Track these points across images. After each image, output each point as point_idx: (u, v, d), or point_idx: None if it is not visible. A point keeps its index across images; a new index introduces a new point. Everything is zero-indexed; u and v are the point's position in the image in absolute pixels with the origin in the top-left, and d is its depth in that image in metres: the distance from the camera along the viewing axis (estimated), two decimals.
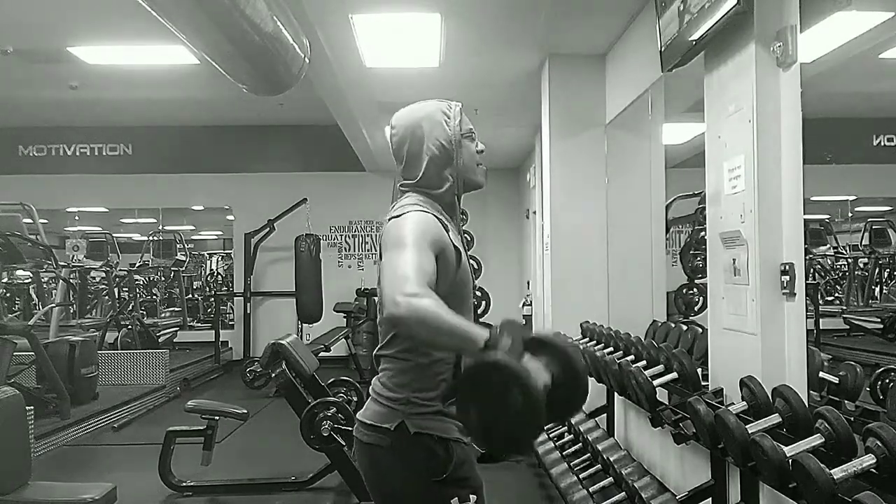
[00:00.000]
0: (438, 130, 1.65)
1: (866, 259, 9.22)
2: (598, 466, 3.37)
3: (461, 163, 1.67)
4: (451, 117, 1.67)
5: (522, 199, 8.53)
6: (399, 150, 1.69)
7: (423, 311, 1.30)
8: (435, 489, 1.54)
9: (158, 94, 7.49)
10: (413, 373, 1.56)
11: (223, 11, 3.07)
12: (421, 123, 1.66)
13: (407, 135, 1.67)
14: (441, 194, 1.66)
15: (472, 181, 1.71)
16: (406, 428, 1.54)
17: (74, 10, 4.92)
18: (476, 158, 1.71)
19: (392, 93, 5.83)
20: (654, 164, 4.73)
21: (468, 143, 1.69)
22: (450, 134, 1.65)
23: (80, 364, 5.80)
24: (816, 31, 3.03)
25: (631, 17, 4.09)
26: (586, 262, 4.62)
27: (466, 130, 1.69)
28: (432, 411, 1.56)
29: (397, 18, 4.32)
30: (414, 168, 1.66)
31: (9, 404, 2.97)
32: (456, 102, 1.71)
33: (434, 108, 1.68)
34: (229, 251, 11.66)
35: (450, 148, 1.65)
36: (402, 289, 1.33)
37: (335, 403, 3.89)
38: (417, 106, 1.71)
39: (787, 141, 2.25)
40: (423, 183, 1.66)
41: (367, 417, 1.61)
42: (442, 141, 1.65)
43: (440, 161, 1.65)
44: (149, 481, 4.02)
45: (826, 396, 2.48)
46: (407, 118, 1.69)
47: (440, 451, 1.55)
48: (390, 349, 1.60)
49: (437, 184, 1.65)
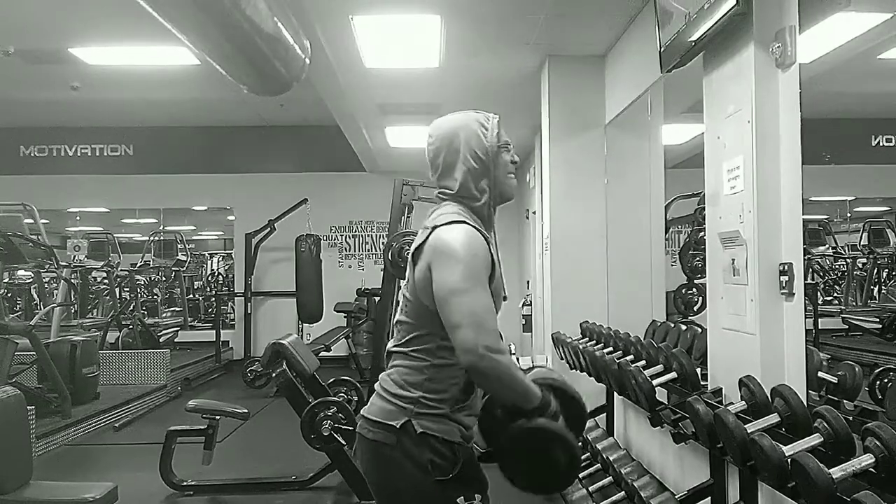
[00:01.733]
0: (475, 141, 1.65)
1: (865, 259, 9.22)
2: (597, 466, 3.39)
3: (497, 175, 1.67)
4: (488, 129, 1.66)
5: (522, 199, 8.53)
6: (435, 160, 1.68)
7: (503, 371, 1.49)
8: (440, 489, 1.55)
9: (159, 95, 7.50)
10: (427, 373, 1.58)
11: (224, 12, 3.08)
12: (458, 133, 1.66)
13: (444, 145, 1.66)
14: (479, 207, 1.66)
15: (505, 193, 1.71)
16: (412, 427, 1.55)
17: (75, 12, 4.93)
18: (509, 169, 1.71)
19: (392, 93, 5.84)
20: (653, 165, 4.73)
21: (504, 155, 1.69)
22: (487, 145, 1.65)
23: (81, 364, 5.81)
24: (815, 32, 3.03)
25: (631, 18, 4.10)
26: (586, 262, 4.62)
27: (504, 142, 1.69)
28: (440, 414, 1.57)
29: (397, 19, 4.33)
30: (449, 178, 1.66)
31: (10, 404, 2.98)
32: (494, 115, 1.71)
33: (472, 119, 1.68)
34: (230, 251, 11.66)
35: (486, 159, 1.65)
36: (486, 342, 1.47)
37: (336, 403, 3.89)
38: (455, 116, 1.70)
39: (786, 141, 2.25)
40: (462, 193, 1.66)
41: (373, 414, 1.62)
42: (479, 152, 1.64)
43: (476, 172, 1.65)
44: (150, 481, 4.02)
45: (825, 396, 2.49)
46: (444, 128, 1.69)
47: (446, 451, 1.56)
48: (408, 347, 1.61)
49: (476, 195, 1.66)
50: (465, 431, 1.61)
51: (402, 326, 1.65)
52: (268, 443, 5.32)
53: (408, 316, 1.63)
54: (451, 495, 1.56)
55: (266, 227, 8.61)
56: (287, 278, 8.42)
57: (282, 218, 8.53)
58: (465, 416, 1.61)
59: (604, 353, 3.41)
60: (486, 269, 1.56)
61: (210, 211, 11.23)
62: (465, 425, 1.61)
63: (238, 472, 4.34)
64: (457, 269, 1.52)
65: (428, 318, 1.58)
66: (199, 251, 13.49)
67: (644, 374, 2.73)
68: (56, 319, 6.96)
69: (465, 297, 1.50)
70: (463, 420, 1.60)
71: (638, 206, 4.67)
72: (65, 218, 10.88)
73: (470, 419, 1.62)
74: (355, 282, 9.15)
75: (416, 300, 1.60)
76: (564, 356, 4.20)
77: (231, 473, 4.28)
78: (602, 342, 3.67)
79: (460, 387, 1.59)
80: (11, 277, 10.18)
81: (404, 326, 1.64)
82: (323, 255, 8.42)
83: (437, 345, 1.57)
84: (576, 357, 3.84)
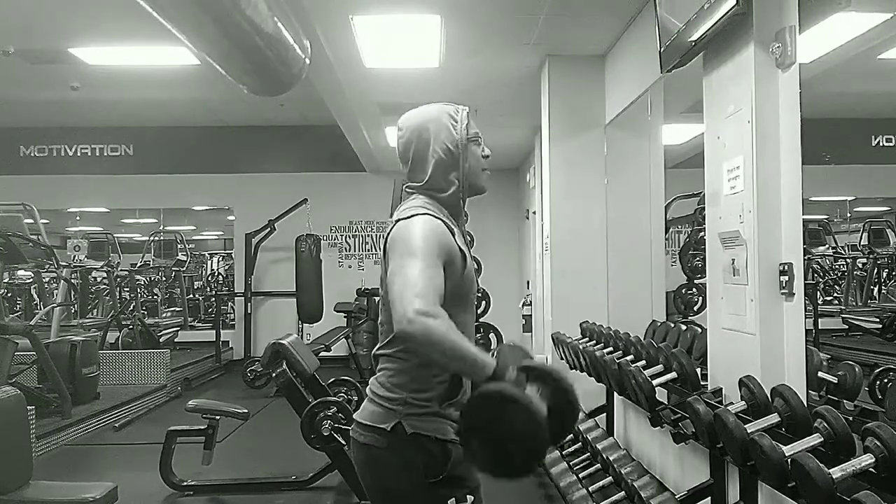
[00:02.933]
0: (445, 134, 1.65)
1: (865, 259, 9.22)
2: (597, 466, 3.38)
3: (467, 167, 1.67)
4: (458, 121, 1.67)
5: (522, 199, 8.54)
6: (405, 153, 1.69)
7: (436, 333, 1.36)
8: (432, 489, 1.55)
9: (159, 95, 7.50)
10: (411, 373, 1.56)
11: (224, 12, 3.08)
12: (428, 126, 1.66)
13: (413, 137, 1.67)
14: (447, 198, 1.66)
15: (476, 186, 1.71)
16: (403, 428, 1.54)
17: (75, 11, 4.93)
18: (482, 163, 1.72)
19: (392, 93, 5.83)
20: (653, 165, 4.74)
21: (474, 148, 1.70)
22: (456, 137, 1.65)
23: (81, 364, 5.81)
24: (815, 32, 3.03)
25: (631, 18, 4.10)
26: (586, 262, 4.63)
27: (473, 134, 1.69)
28: (429, 412, 1.56)
29: (397, 19, 4.33)
30: (419, 171, 1.67)
31: (10, 404, 2.98)
32: (463, 107, 1.71)
33: (441, 112, 1.68)
34: (230, 251, 11.67)
35: (456, 151, 1.65)
36: (414, 306, 1.37)
37: (335, 403, 3.89)
38: (424, 109, 1.71)
39: (786, 141, 2.25)
40: (429, 185, 1.66)
41: (364, 418, 1.61)
42: (448, 144, 1.65)
43: (446, 164, 1.65)
44: (150, 481, 4.02)
45: (825, 396, 2.48)
46: (414, 120, 1.69)
47: (437, 451, 1.55)
48: (390, 349, 1.60)
49: (444, 187, 1.66)
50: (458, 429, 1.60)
51: (383, 328, 1.63)
52: (268, 443, 5.32)
53: (385, 317, 1.62)
54: (444, 495, 1.56)
55: (266, 227, 8.61)
56: (287, 278, 8.42)
57: (282, 218, 8.53)
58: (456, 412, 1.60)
59: (604, 353, 3.41)
60: (438, 249, 1.51)
61: (210, 211, 11.24)
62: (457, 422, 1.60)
63: (238, 472, 4.34)
64: (402, 253, 1.50)
65: None
66: (199, 251, 13.50)
67: (644, 374, 2.73)
68: (56, 319, 6.96)
69: (402, 272, 1.45)
70: (453, 416, 1.57)
71: (638, 206, 4.67)
72: (65, 218, 10.89)
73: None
74: (355, 282, 9.15)
75: (385, 296, 1.59)
76: (564, 356, 4.20)
77: (231, 473, 4.28)
78: (602, 342, 3.67)
79: (447, 384, 1.57)
80: (11, 277, 10.18)
81: (385, 328, 1.62)
82: (323, 255, 8.42)
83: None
84: (576, 357, 3.84)
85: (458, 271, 1.57)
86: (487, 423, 1.36)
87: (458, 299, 1.57)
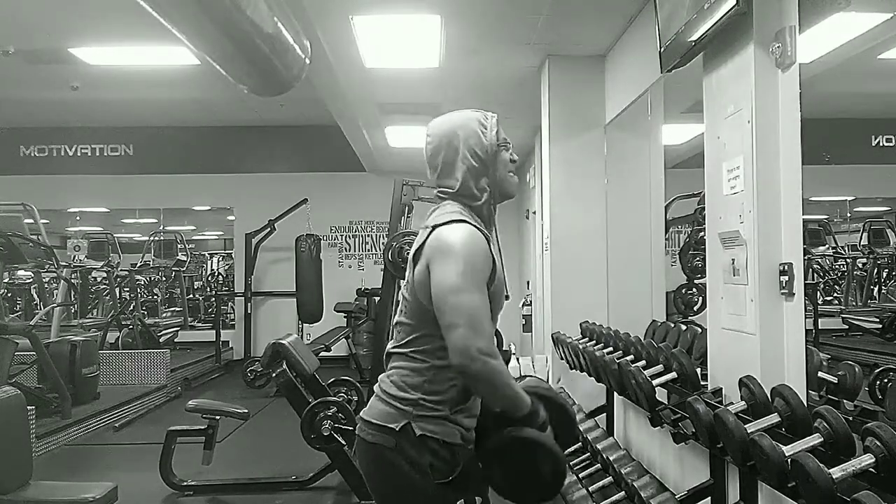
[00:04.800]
0: (474, 140, 1.64)
1: (865, 259, 9.22)
2: (597, 466, 3.38)
3: (497, 174, 1.67)
4: (487, 127, 1.66)
5: (522, 199, 8.53)
6: (434, 159, 1.68)
7: (495, 374, 1.48)
8: (439, 492, 1.55)
9: (159, 95, 7.50)
10: (427, 375, 1.57)
11: (224, 12, 3.08)
12: (457, 132, 1.65)
13: (443, 144, 1.66)
14: (479, 206, 1.66)
15: (506, 192, 1.71)
16: (412, 430, 1.55)
17: (76, 11, 4.93)
18: (509, 167, 1.71)
19: (392, 93, 5.84)
20: (653, 165, 4.74)
21: (503, 154, 1.69)
22: (486, 144, 1.65)
23: (81, 364, 5.81)
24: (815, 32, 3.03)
25: (631, 18, 4.10)
26: (586, 262, 4.63)
27: (502, 140, 1.69)
28: (439, 416, 1.56)
29: (397, 19, 4.33)
30: (450, 177, 1.66)
31: (10, 404, 2.98)
32: (492, 113, 1.71)
33: (470, 118, 1.67)
34: (230, 251, 11.67)
35: (486, 158, 1.65)
36: (478, 345, 1.46)
37: (336, 403, 3.89)
38: (453, 115, 1.70)
39: (785, 141, 2.25)
40: (461, 193, 1.65)
41: (372, 416, 1.61)
42: (478, 150, 1.64)
43: (476, 171, 1.65)
44: (150, 481, 4.02)
45: (825, 396, 2.49)
46: (443, 127, 1.68)
47: (445, 454, 1.55)
48: (407, 348, 1.60)
49: (476, 195, 1.65)
50: (465, 433, 1.61)
51: (401, 328, 1.64)
52: (268, 443, 5.32)
53: (407, 317, 1.63)
54: (451, 498, 1.56)
55: (266, 227, 8.61)
56: (287, 278, 8.42)
57: (282, 218, 8.53)
58: (465, 418, 1.60)
59: (604, 353, 3.41)
60: (486, 270, 1.55)
61: (210, 211, 11.24)
62: (465, 427, 1.60)
63: (238, 472, 4.34)
64: (455, 268, 1.51)
65: (427, 319, 1.57)
66: (199, 251, 13.49)
67: (644, 374, 2.73)
68: (56, 319, 6.97)
69: (462, 297, 1.49)
70: (462, 422, 1.60)
71: (638, 206, 4.67)
72: (65, 218, 10.89)
73: (469, 420, 1.62)
74: (355, 282, 9.15)
75: (415, 301, 1.59)
76: (564, 356, 4.20)
77: (231, 473, 4.28)
78: (602, 342, 3.67)
79: (459, 388, 1.58)
80: (11, 277, 10.17)
81: (404, 328, 1.63)
82: (323, 255, 8.42)
83: (436, 346, 1.56)
84: (576, 357, 3.84)
85: (492, 282, 1.59)
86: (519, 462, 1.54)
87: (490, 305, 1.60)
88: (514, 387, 1.52)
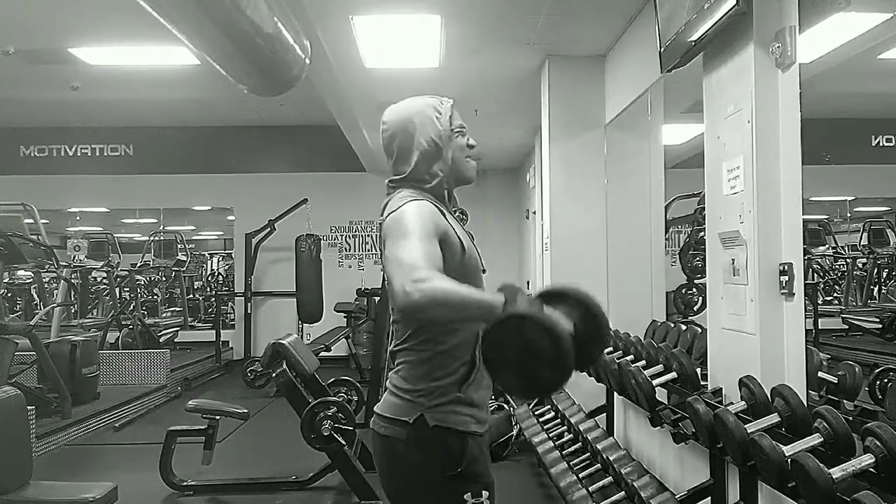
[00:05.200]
0: (429, 126, 1.66)
1: (865, 259, 9.22)
2: (597, 466, 3.38)
3: (451, 158, 1.68)
4: (441, 113, 1.68)
5: (522, 199, 8.54)
6: (389, 146, 1.70)
7: (437, 292, 1.31)
8: (449, 483, 1.55)
9: (159, 95, 7.50)
10: (433, 362, 1.57)
11: (224, 12, 3.08)
12: (412, 119, 1.67)
13: (398, 130, 1.68)
14: (431, 188, 1.67)
15: (462, 176, 1.72)
16: (425, 421, 1.55)
17: (75, 11, 4.93)
18: (466, 152, 1.72)
19: (392, 93, 5.75)
20: (653, 165, 4.74)
21: (459, 139, 1.70)
22: (440, 129, 1.66)
23: (81, 364, 5.81)
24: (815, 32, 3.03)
25: (631, 18, 4.10)
26: (586, 262, 4.63)
27: (457, 126, 1.70)
28: (451, 399, 1.56)
29: (397, 19, 4.33)
30: (404, 163, 1.67)
31: (10, 404, 2.98)
32: (448, 98, 1.72)
33: (425, 104, 1.69)
34: (230, 251, 11.66)
35: (440, 143, 1.66)
36: (411, 276, 1.33)
37: (335, 403, 3.89)
38: (409, 102, 1.72)
39: (785, 141, 2.25)
40: (412, 177, 1.66)
41: (385, 410, 1.62)
42: (433, 136, 1.66)
43: (430, 156, 1.66)
44: (150, 481, 4.02)
45: (825, 396, 2.49)
46: (398, 114, 1.71)
47: (456, 445, 1.55)
48: (409, 342, 1.60)
49: (427, 178, 1.66)
50: (479, 413, 1.59)
51: (396, 325, 1.65)
52: (268, 443, 5.31)
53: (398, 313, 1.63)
54: (460, 490, 1.56)
55: (266, 227, 8.61)
56: (287, 278, 8.42)
57: (282, 218, 8.53)
58: (476, 392, 1.58)
59: (604, 353, 3.41)
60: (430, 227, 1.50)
61: (210, 211, 11.24)
62: (477, 404, 1.59)
63: (238, 472, 4.34)
64: (397, 239, 1.48)
65: None
66: (199, 251, 13.49)
67: (644, 374, 2.73)
68: (56, 319, 6.96)
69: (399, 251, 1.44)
70: (475, 399, 1.58)
71: (638, 206, 4.68)
72: (65, 218, 10.88)
73: (481, 394, 1.60)
74: (355, 282, 9.15)
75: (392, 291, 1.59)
76: None
77: (231, 473, 4.28)
78: None
79: (468, 364, 1.57)
80: (11, 277, 10.17)
81: (398, 325, 1.64)
82: (323, 255, 8.42)
83: (435, 332, 1.56)
84: None
85: (458, 254, 1.57)
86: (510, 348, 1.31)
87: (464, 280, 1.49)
88: (469, 292, 1.36)
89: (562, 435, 3.92)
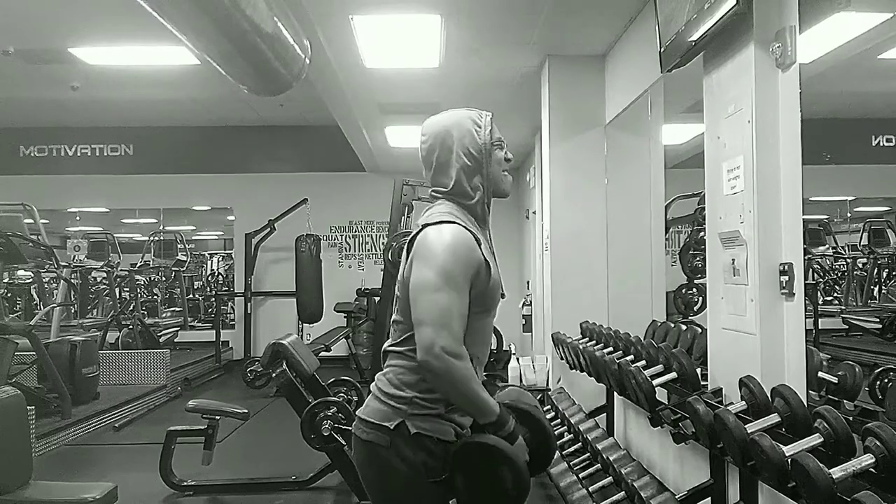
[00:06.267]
0: (468, 139, 1.66)
1: (865, 259, 9.22)
2: (597, 466, 3.38)
3: (490, 172, 1.68)
4: (481, 126, 1.68)
5: (522, 199, 8.53)
6: (428, 158, 1.70)
7: (456, 374, 1.47)
8: (432, 490, 1.55)
9: (159, 95, 7.50)
10: (422, 373, 1.56)
11: (224, 12, 3.08)
12: (451, 131, 1.67)
13: (437, 143, 1.68)
14: (472, 205, 1.68)
15: (499, 189, 1.73)
16: (406, 428, 1.55)
17: (75, 11, 4.93)
18: (504, 166, 1.73)
19: (392, 93, 5.83)
20: (653, 165, 4.74)
21: (497, 153, 1.71)
22: (480, 143, 1.67)
23: (81, 364, 5.81)
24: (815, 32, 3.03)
25: (631, 18, 4.09)
26: (586, 262, 4.63)
27: (496, 139, 1.70)
28: (434, 414, 1.57)
29: (397, 19, 4.33)
30: (444, 176, 1.68)
31: (10, 404, 2.98)
32: (487, 112, 1.72)
33: (464, 117, 1.69)
34: (230, 251, 11.67)
35: (479, 157, 1.66)
36: (443, 342, 1.45)
37: (335, 403, 3.89)
38: (448, 114, 1.72)
39: (786, 141, 2.25)
40: (455, 192, 1.67)
41: (368, 415, 1.62)
42: (472, 149, 1.66)
43: (470, 170, 1.66)
44: (149, 481, 4.03)
45: (825, 396, 2.48)
46: (437, 126, 1.70)
47: (438, 452, 1.56)
48: (403, 347, 1.61)
49: (469, 193, 1.67)
50: (461, 430, 1.61)
51: (396, 326, 1.65)
52: (268, 443, 5.32)
53: (400, 315, 1.64)
54: (444, 496, 1.56)
55: (266, 227, 8.61)
56: (287, 278, 8.42)
57: (282, 218, 8.53)
58: (460, 416, 1.61)
59: (604, 353, 3.41)
60: (469, 270, 1.56)
61: (210, 211, 11.24)
62: (460, 424, 1.61)
63: (238, 472, 4.34)
64: (434, 267, 1.53)
65: None
66: (199, 251, 13.49)
67: (644, 374, 2.73)
68: (56, 319, 6.96)
69: (436, 296, 1.50)
70: (457, 420, 1.60)
71: (638, 206, 4.67)
72: (65, 218, 10.89)
73: (465, 419, 1.62)
74: (355, 282, 9.15)
75: (405, 298, 1.60)
76: (564, 356, 4.20)
77: (231, 473, 4.29)
78: (602, 342, 3.67)
79: None
80: (11, 277, 10.17)
81: (399, 326, 1.64)
82: (323, 255, 8.43)
83: None
84: (576, 357, 3.84)
85: (484, 282, 1.60)
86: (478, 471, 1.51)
87: (483, 305, 1.61)
88: (477, 391, 1.51)
89: (562, 435, 3.92)
